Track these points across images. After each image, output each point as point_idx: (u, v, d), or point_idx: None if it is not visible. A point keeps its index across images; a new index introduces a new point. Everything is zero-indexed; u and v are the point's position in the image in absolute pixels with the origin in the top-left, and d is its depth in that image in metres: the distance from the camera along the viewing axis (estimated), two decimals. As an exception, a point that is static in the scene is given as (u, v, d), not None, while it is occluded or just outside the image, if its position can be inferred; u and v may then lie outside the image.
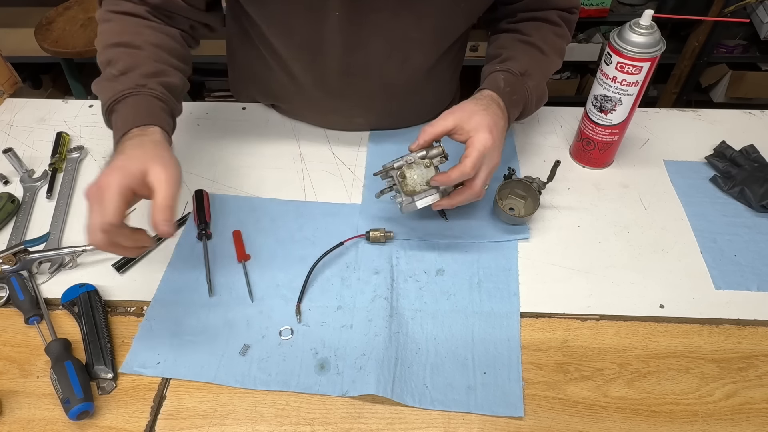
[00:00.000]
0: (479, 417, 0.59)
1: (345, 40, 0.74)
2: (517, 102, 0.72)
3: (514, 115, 0.72)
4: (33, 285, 0.69)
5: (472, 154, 0.63)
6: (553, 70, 0.79)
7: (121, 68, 0.66)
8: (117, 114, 0.64)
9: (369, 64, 0.78)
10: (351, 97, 0.84)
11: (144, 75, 0.65)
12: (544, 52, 0.76)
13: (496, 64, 0.74)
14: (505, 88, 0.70)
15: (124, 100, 0.64)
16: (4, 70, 1.04)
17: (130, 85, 0.64)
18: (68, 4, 1.82)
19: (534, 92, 0.73)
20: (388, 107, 0.87)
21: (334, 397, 0.60)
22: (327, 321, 0.67)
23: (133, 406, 0.60)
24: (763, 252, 0.73)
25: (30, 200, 0.81)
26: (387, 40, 0.75)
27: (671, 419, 0.59)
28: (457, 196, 0.67)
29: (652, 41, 0.69)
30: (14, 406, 0.60)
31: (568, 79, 2.33)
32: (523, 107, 0.73)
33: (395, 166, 0.67)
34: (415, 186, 0.67)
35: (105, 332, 0.64)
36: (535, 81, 0.74)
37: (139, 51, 0.67)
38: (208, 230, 0.75)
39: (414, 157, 0.66)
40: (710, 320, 0.67)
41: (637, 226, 0.77)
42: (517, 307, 0.67)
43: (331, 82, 0.81)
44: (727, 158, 0.84)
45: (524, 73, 0.72)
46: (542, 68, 0.76)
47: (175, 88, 0.69)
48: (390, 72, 0.79)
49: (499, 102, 0.69)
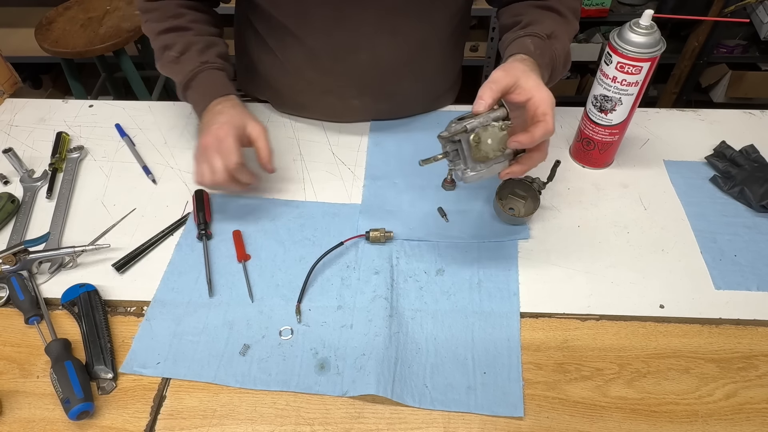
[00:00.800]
0: (479, 417, 0.59)
1: (332, 14, 0.76)
2: (546, 65, 0.69)
3: (545, 79, 0.68)
4: (33, 285, 0.69)
5: (549, 111, 0.58)
6: (574, 33, 0.76)
7: (179, 50, 0.77)
8: (193, 90, 0.77)
9: (358, 37, 0.78)
10: (343, 75, 0.84)
11: (200, 51, 0.77)
12: (563, 14, 0.74)
13: (518, 30, 0.72)
14: (536, 51, 0.67)
15: (196, 78, 0.76)
16: (4, 70, 1.04)
17: (195, 63, 0.76)
18: (68, 4, 1.82)
19: (561, 55, 0.72)
20: (383, 86, 0.86)
21: (334, 397, 0.60)
22: (327, 321, 0.67)
23: (133, 406, 0.60)
24: (763, 252, 0.73)
25: (30, 200, 0.81)
26: (374, 13, 0.75)
27: (671, 419, 0.59)
28: (528, 160, 0.62)
29: (652, 41, 0.69)
30: (14, 406, 0.60)
31: (568, 79, 2.33)
32: (551, 70, 0.71)
33: (468, 128, 0.58)
34: (488, 152, 0.59)
35: (105, 332, 0.64)
36: (561, 43, 0.72)
37: (187, 32, 0.78)
38: (208, 230, 0.75)
39: (488, 118, 0.58)
40: (710, 320, 0.67)
41: (637, 226, 0.77)
42: (517, 307, 0.67)
43: (322, 60, 0.82)
44: (727, 158, 0.84)
45: (551, 35, 0.70)
46: (566, 30, 0.74)
47: (225, 54, 0.81)
48: (380, 46, 0.80)
49: (534, 65, 0.66)
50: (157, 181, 0.84)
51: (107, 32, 1.71)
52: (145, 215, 0.79)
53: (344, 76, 0.84)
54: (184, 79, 0.77)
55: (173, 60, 0.77)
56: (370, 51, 0.80)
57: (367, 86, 0.86)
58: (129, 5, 1.81)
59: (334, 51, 0.81)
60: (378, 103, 0.89)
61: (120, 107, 0.98)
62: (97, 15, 1.78)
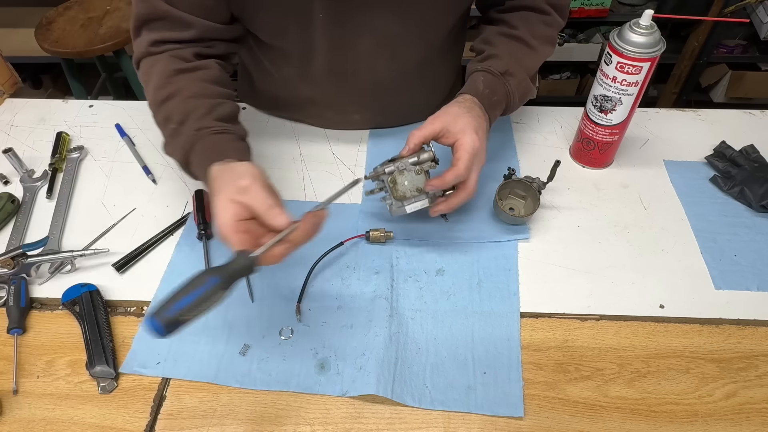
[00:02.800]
0: (479, 417, 0.59)
1: (331, 42, 0.74)
2: (498, 102, 0.72)
3: (495, 116, 0.73)
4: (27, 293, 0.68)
5: (464, 156, 0.63)
6: (542, 61, 0.79)
7: (178, 120, 0.66)
8: (193, 167, 0.65)
9: (357, 62, 0.78)
10: (343, 95, 0.84)
11: (199, 117, 0.65)
12: (530, 45, 0.75)
13: (477, 62, 0.74)
14: (485, 90, 0.71)
15: (193, 150, 0.64)
16: (4, 70, 1.04)
17: (190, 133, 0.64)
18: (68, 4, 1.82)
19: (516, 90, 0.73)
20: (382, 103, 0.87)
21: (334, 397, 0.60)
22: (327, 321, 0.66)
23: (133, 406, 0.60)
24: (763, 252, 0.73)
25: (30, 200, 0.81)
26: (373, 39, 0.75)
27: (671, 419, 0.59)
28: (453, 198, 0.67)
29: (652, 41, 0.69)
30: (14, 406, 0.60)
31: (568, 79, 2.34)
32: (505, 106, 0.74)
33: (386, 171, 0.67)
34: (406, 192, 0.67)
35: (107, 332, 0.64)
36: (518, 78, 0.73)
37: (188, 94, 0.67)
38: (208, 230, 0.75)
39: (405, 163, 0.66)
40: (710, 320, 0.67)
41: (637, 226, 0.77)
42: (517, 307, 0.67)
43: (322, 82, 0.82)
44: (727, 158, 0.84)
45: (505, 73, 0.72)
46: (526, 63, 0.75)
47: (230, 115, 0.68)
48: (379, 69, 0.80)
49: (480, 105, 0.70)
50: (157, 181, 0.84)
51: (107, 32, 1.71)
52: (145, 215, 0.79)
53: (343, 94, 0.84)
54: (181, 156, 0.65)
55: (173, 133, 0.66)
56: (369, 73, 0.80)
57: (366, 103, 0.87)
58: (129, 5, 1.81)
59: (332, 74, 0.80)
60: (378, 116, 0.90)
61: (120, 107, 0.98)
62: (97, 15, 1.78)
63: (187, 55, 0.70)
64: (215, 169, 0.59)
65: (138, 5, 0.69)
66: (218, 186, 0.56)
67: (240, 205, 0.53)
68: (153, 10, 0.68)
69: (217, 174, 0.58)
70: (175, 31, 0.69)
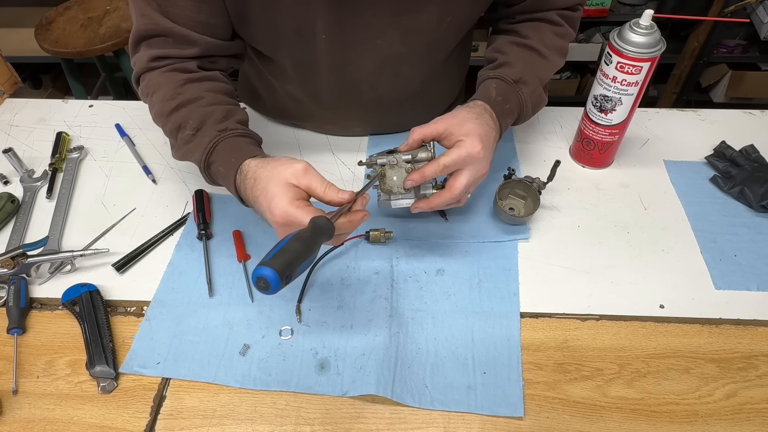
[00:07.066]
0: (479, 417, 0.59)
1: (334, 61, 0.74)
2: (510, 111, 0.70)
3: (507, 125, 0.71)
4: (26, 294, 0.68)
5: (452, 154, 0.61)
6: (554, 71, 0.78)
7: (194, 125, 0.65)
8: (216, 165, 0.64)
9: (360, 80, 0.78)
10: (346, 111, 0.84)
11: (217, 121, 0.65)
12: (543, 54, 0.74)
13: (490, 70, 0.73)
14: (497, 97, 0.69)
15: (216, 149, 0.64)
16: (4, 70, 1.04)
17: (212, 135, 0.64)
18: (68, 4, 1.82)
19: (530, 99, 0.72)
20: (385, 118, 0.87)
21: (334, 397, 0.60)
22: (327, 321, 0.66)
23: (133, 406, 0.60)
24: (763, 252, 0.73)
25: (30, 200, 0.81)
26: (376, 58, 0.74)
27: (671, 419, 0.59)
28: (435, 198, 0.65)
29: (652, 41, 0.69)
30: (14, 406, 0.60)
31: (568, 79, 2.34)
32: (518, 115, 0.72)
33: (379, 162, 0.65)
34: (393, 187, 0.65)
35: (107, 332, 0.64)
36: (531, 87, 0.72)
37: (201, 102, 0.67)
38: (208, 230, 0.75)
39: (399, 158, 0.64)
40: (710, 320, 0.67)
41: (637, 226, 0.77)
42: (517, 307, 0.67)
43: (325, 98, 0.81)
44: (727, 158, 0.84)
45: (518, 81, 0.71)
46: (539, 72, 0.74)
47: (245, 122, 0.70)
48: (382, 87, 0.79)
49: (491, 113, 0.68)
50: (157, 181, 0.84)
51: (107, 32, 1.71)
52: (145, 215, 0.79)
53: (345, 111, 0.84)
54: (201, 156, 0.64)
55: (188, 139, 0.66)
56: (372, 92, 0.80)
57: (368, 118, 0.87)
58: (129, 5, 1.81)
59: (335, 92, 0.80)
60: (380, 129, 0.90)
61: (120, 107, 0.98)
62: (97, 15, 1.78)
63: (191, 67, 0.70)
64: (254, 163, 0.61)
65: (138, 20, 0.67)
66: (267, 174, 0.59)
67: (297, 188, 0.57)
68: (155, 27, 0.67)
69: (260, 165, 0.60)
70: (177, 48, 0.68)
